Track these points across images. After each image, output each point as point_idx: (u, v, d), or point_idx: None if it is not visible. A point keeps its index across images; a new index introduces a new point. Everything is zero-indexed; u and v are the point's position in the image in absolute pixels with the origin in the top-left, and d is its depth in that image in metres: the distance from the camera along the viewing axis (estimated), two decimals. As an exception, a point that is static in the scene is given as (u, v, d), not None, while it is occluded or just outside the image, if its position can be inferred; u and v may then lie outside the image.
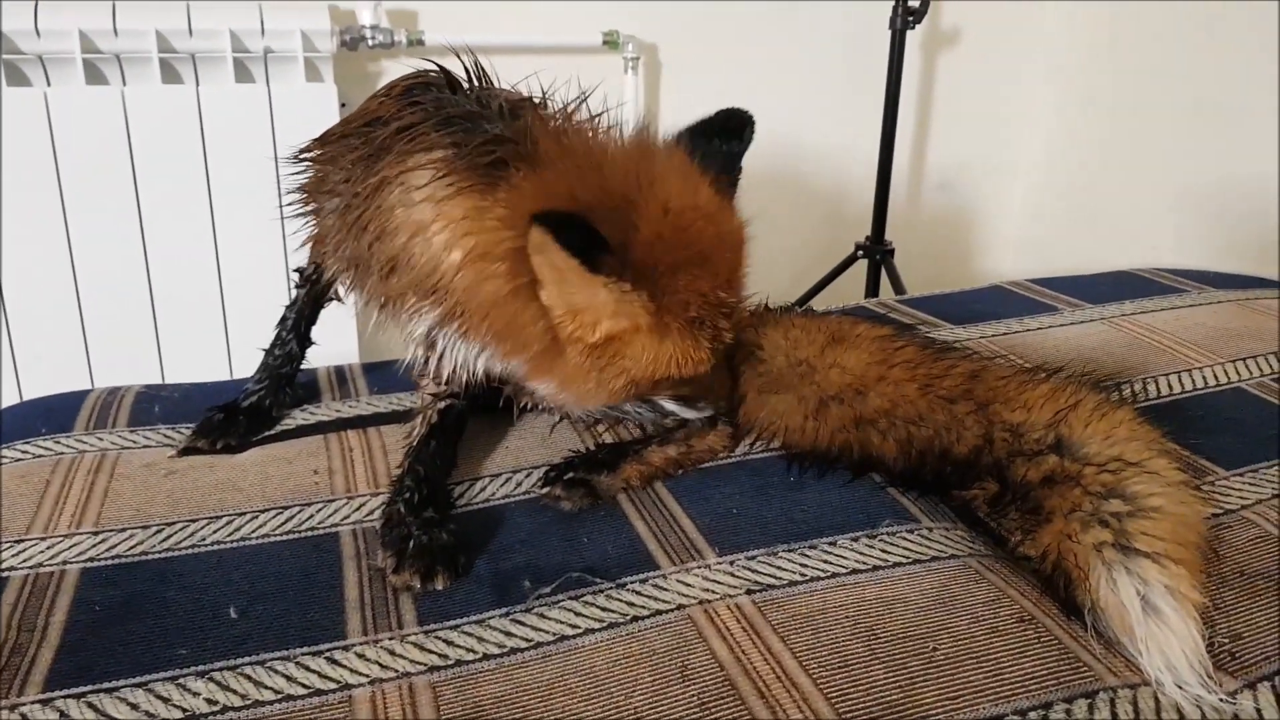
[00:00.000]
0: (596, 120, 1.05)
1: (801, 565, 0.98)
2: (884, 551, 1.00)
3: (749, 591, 0.94)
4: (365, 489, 1.13)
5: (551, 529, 1.05)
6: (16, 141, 1.96)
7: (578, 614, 0.91)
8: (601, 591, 0.94)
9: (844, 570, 0.97)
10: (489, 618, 0.91)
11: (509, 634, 0.89)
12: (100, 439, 1.25)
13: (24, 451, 1.22)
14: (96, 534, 1.03)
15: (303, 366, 1.37)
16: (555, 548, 1.02)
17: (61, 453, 1.21)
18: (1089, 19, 2.87)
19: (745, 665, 0.84)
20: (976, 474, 1.09)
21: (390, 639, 0.88)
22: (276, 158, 1.97)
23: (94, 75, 2.04)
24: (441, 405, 1.18)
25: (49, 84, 2.01)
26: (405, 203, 1.01)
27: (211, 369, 2.18)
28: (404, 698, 0.81)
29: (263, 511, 1.08)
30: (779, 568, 0.98)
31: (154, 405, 1.35)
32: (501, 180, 0.95)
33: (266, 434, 1.28)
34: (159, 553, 1.01)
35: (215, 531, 1.05)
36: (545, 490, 1.09)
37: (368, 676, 0.83)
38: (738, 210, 1.07)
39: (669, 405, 1.11)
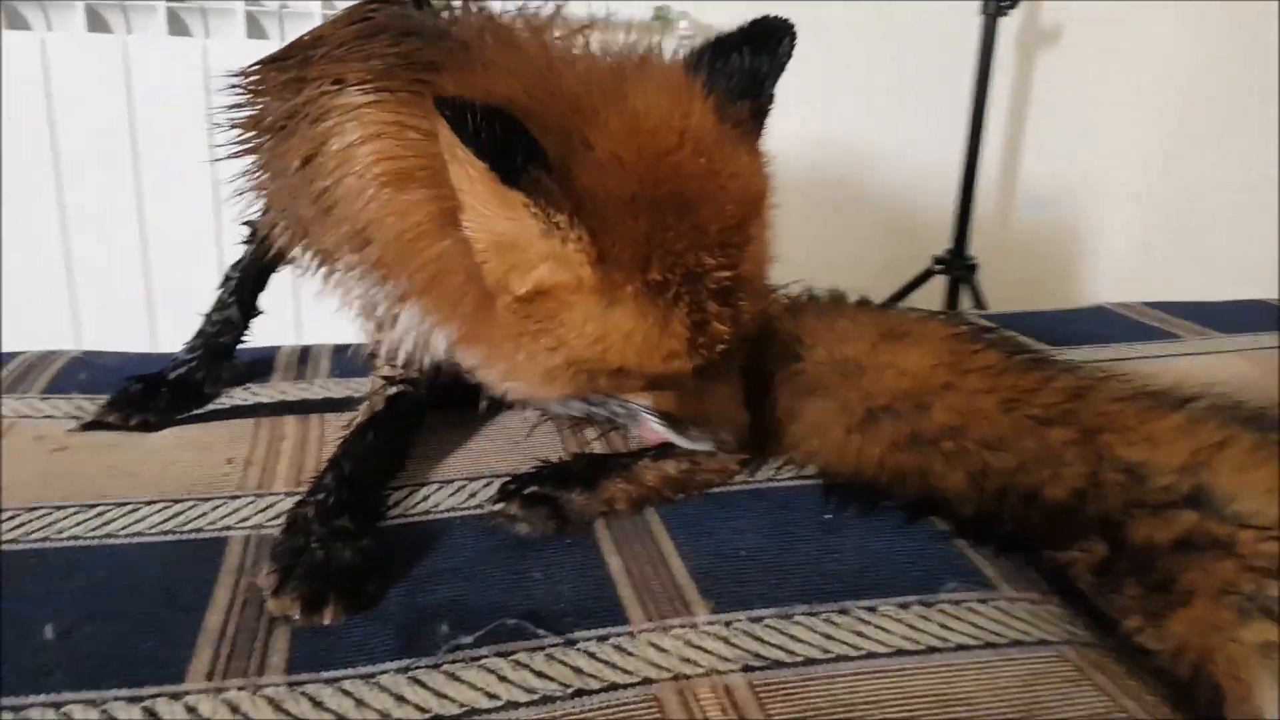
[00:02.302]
0: (578, 32, 0.81)
1: (826, 637, 0.71)
2: (943, 627, 0.73)
3: (747, 668, 0.68)
4: (282, 487, 0.90)
5: (497, 557, 0.80)
6: (11, 88, 1.81)
7: (501, 678, 0.66)
8: (542, 649, 0.69)
9: (884, 650, 0.70)
10: (380, 673, 0.66)
11: (400, 698, 0.64)
12: (6, 408, 1.04)
13: (-97, 411, 1.01)
14: (-65, 515, 0.82)
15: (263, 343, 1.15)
16: (496, 582, 0.77)
17: (-55, 416, 1.00)
18: (1207, 20, 2.53)
19: (722, 779, 0.58)
20: (1078, 528, 0.80)
21: (239, 689, 0.64)
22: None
23: (97, 22, 1.87)
24: (391, 392, 0.95)
25: (49, 29, 1.85)
26: (336, 124, 0.78)
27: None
28: (226, 783, 0.57)
29: (148, 504, 0.86)
30: (793, 637, 0.71)
31: (81, 372, 1.15)
32: (429, 85, 0.71)
33: (193, 413, 1.05)
34: (-4, 545, 0.78)
35: (78, 524, 0.82)
36: (498, 506, 0.84)
37: (186, 746, 0.59)
38: (758, 152, 0.81)
39: (653, 423, 0.85)
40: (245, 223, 1.08)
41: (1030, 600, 0.77)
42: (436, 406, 1.02)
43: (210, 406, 1.07)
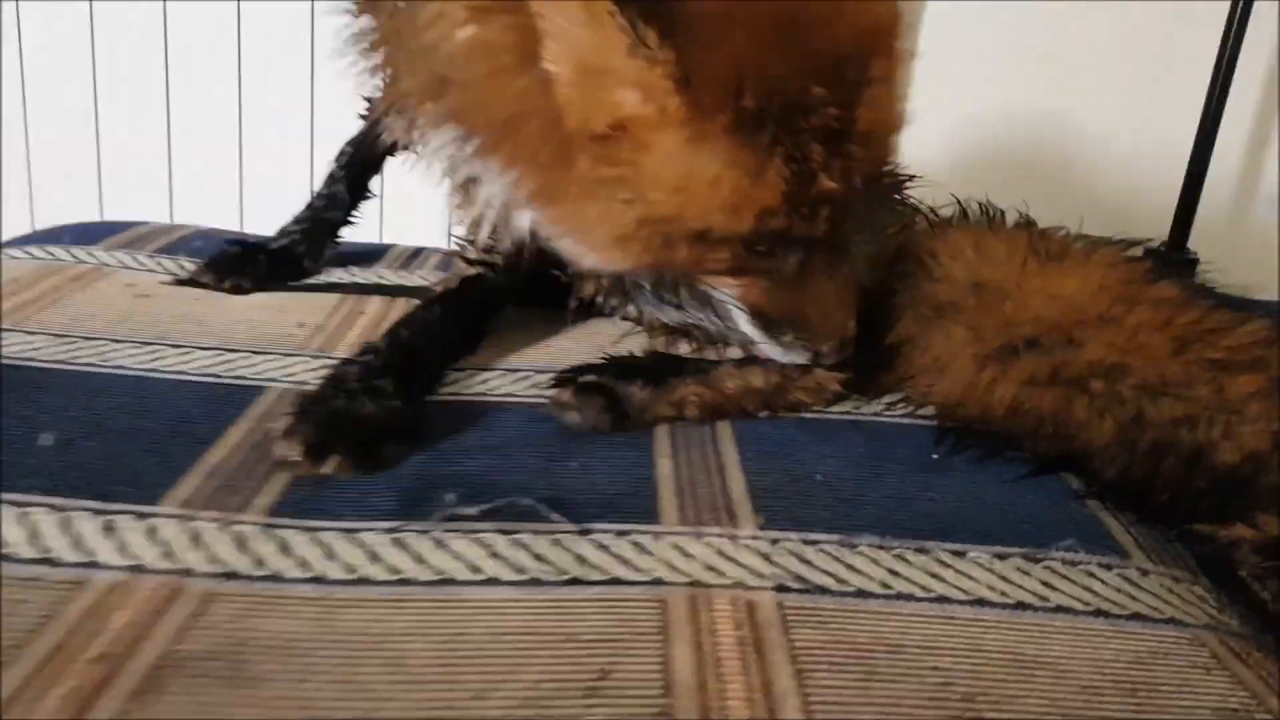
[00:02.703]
0: None
1: (891, 572, 0.58)
2: (1045, 585, 0.58)
3: (781, 588, 0.55)
4: (344, 352, 0.84)
5: (538, 443, 0.71)
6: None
7: (493, 554, 0.56)
8: (550, 534, 0.59)
9: (961, 596, 0.56)
10: (364, 529, 0.58)
11: (374, 556, 0.56)
12: (111, 257, 1.04)
13: (24, 253, 1.03)
14: (11, 330, 0.81)
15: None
16: (526, 466, 0.68)
17: (58, 261, 1.02)
18: None
19: (709, 702, 0.46)
20: (1249, 500, 0.64)
21: (210, 522, 0.57)
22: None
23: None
24: (469, 273, 0.88)
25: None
26: None
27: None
28: (155, 603, 0.50)
29: (202, 349, 0.82)
30: (849, 566, 0.58)
31: (197, 241, 1.14)
32: None
33: (289, 284, 1.02)
34: (45, 361, 0.77)
35: (129, 356, 0.79)
36: (552, 392, 0.75)
37: (129, 563, 0.53)
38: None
39: (741, 323, 0.74)
40: (365, 97, 1.04)
41: (1171, 577, 0.60)
42: (524, 303, 0.94)
43: (310, 281, 1.04)
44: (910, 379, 0.82)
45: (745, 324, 0.75)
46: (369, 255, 1.13)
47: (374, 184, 1.08)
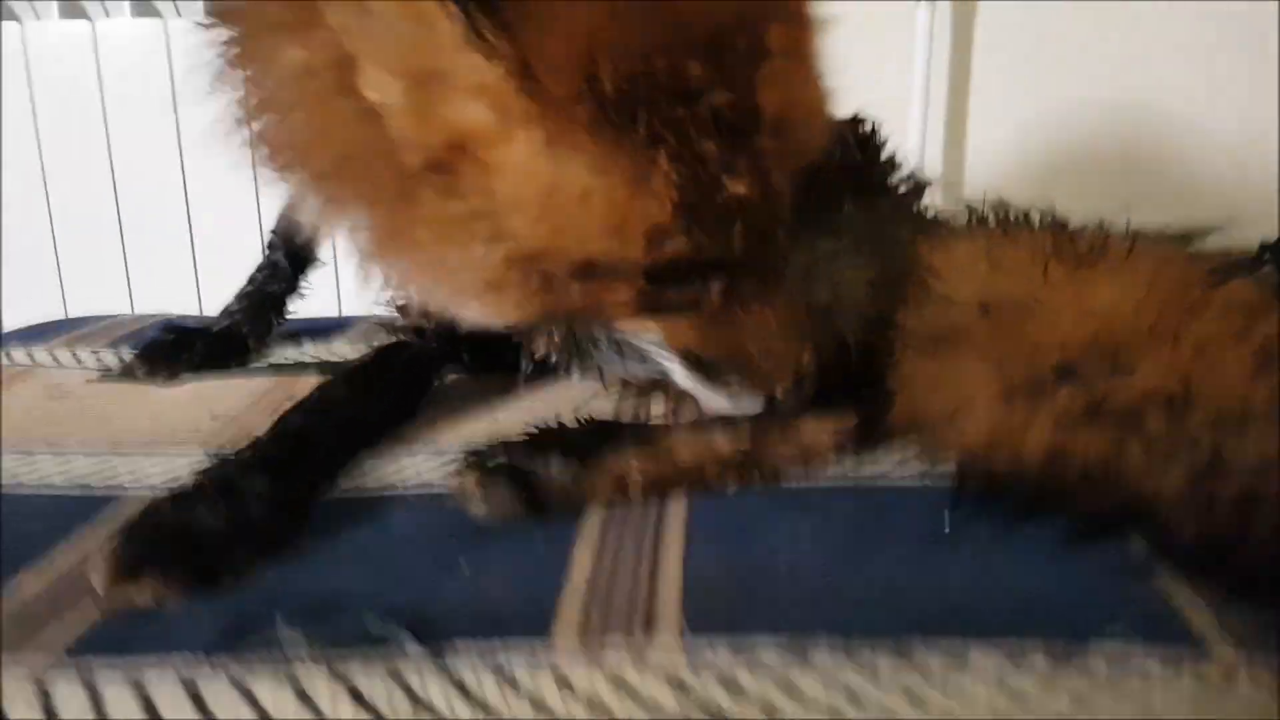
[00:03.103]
0: None
1: (849, 692, 0.41)
2: (1076, 699, 0.40)
3: (688, 732, 0.39)
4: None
5: (436, 543, 0.57)
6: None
7: (300, 693, 0.42)
8: (385, 664, 0.44)
9: (949, 728, 0.39)
10: (149, 665, 0.45)
11: (150, 705, 0.42)
12: (48, 356, 0.96)
13: (-40, 357, 0.96)
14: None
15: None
16: (410, 573, 0.54)
17: (-7, 363, 0.94)
18: None
19: None
20: None
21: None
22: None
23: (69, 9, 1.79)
24: (383, 342, 0.76)
25: (23, 19, 1.79)
26: None
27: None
28: None
29: (88, 455, 0.71)
30: (793, 689, 0.42)
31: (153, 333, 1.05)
32: None
33: (232, 369, 0.92)
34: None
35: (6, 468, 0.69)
36: (455, 480, 0.60)
37: None
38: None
39: (676, 374, 0.60)
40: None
41: (1269, 672, 0.42)
42: (474, 368, 0.82)
43: (254, 365, 0.93)
44: (919, 428, 0.66)
45: (680, 374, 0.60)
46: (328, 329, 1.02)
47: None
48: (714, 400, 0.61)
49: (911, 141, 1.84)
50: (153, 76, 1.74)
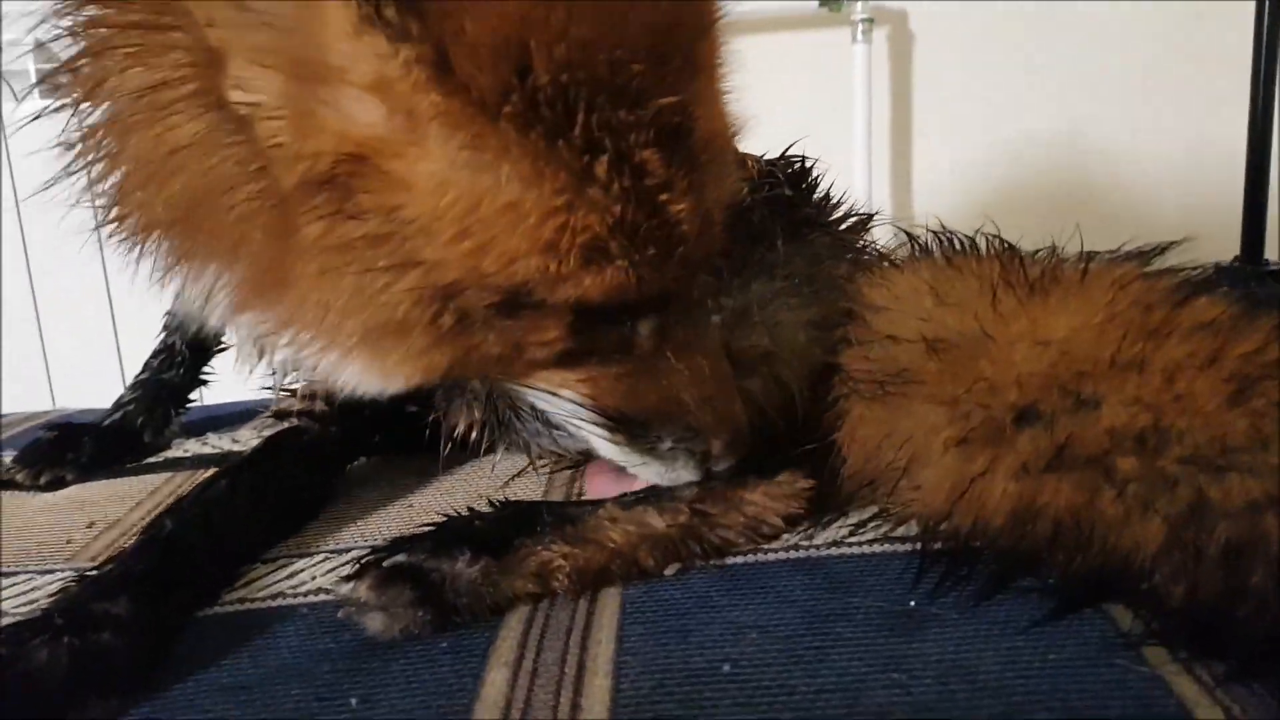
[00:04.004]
0: None
1: None
2: None
3: None
4: (127, 557, 0.64)
5: (322, 666, 0.49)
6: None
7: None
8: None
9: None
10: None
11: None
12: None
13: None
14: None
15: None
16: (282, 708, 0.46)
17: None
18: None
19: None
20: None
21: None
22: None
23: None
24: (273, 430, 0.68)
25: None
26: None
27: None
28: None
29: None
30: None
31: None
32: None
33: (128, 466, 0.84)
34: None
35: None
36: (346, 588, 0.53)
37: None
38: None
39: (594, 439, 0.54)
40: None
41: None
42: (381, 451, 0.74)
43: (150, 461, 0.85)
44: (874, 484, 0.59)
45: (604, 444, 0.53)
46: (235, 418, 0.94)
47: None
48: (645, 469, 0.55)
49: (858, 179, 1.82)
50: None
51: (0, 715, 0.44)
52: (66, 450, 0.83)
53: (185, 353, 0.86)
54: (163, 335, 0.87)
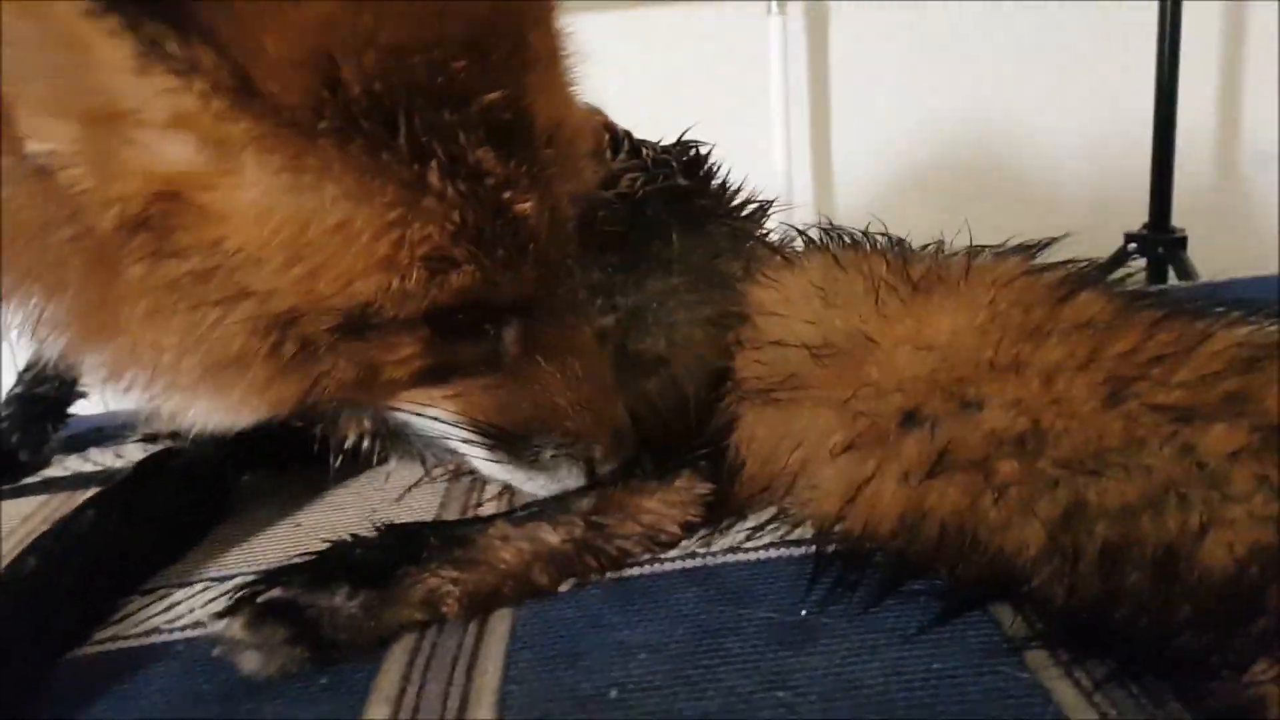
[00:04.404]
0: None
1: None
2: None
3: None
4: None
5: (189, 708, 0.47)
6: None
7: None
8: None
9: None
10: None
11: None
12: None
13: None
14: None
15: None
16: None
17: None
18: None
19: None
20: (1269, 623, 0.39)
21: None
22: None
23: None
24: (152, 451, 0.65)
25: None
26: None
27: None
28: None
29: None
30: None
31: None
32: None
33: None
34: None
35: None
36: (218, 626, 0.50)
37: None
38: None
39: (472, 456, 0.52)
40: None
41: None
42: (268, 467, 0.71)
43: (26, 481, 0.81)
44: (770, 489, 0.59)
45: (481, 460, 0.52)
46: (121, 430, 0.90)
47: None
48: (531, 484, 0.54)
49: (778, 158, 1.81)
50: None
51: None
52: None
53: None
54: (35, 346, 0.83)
